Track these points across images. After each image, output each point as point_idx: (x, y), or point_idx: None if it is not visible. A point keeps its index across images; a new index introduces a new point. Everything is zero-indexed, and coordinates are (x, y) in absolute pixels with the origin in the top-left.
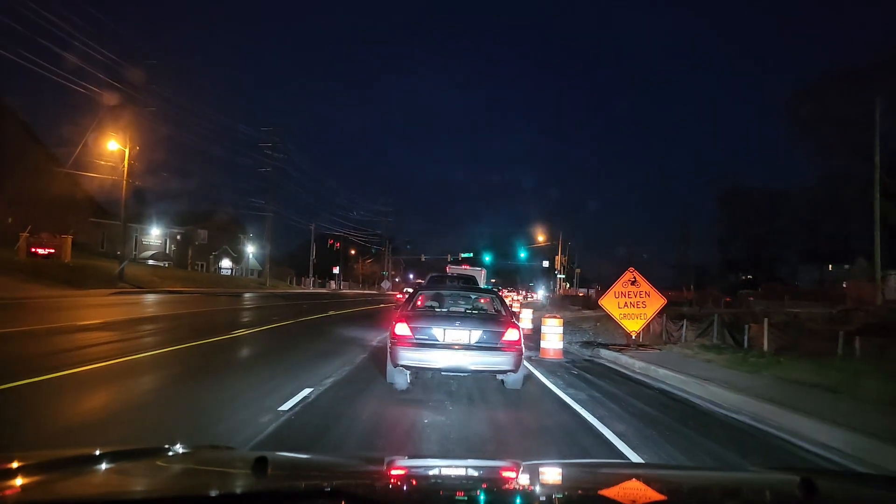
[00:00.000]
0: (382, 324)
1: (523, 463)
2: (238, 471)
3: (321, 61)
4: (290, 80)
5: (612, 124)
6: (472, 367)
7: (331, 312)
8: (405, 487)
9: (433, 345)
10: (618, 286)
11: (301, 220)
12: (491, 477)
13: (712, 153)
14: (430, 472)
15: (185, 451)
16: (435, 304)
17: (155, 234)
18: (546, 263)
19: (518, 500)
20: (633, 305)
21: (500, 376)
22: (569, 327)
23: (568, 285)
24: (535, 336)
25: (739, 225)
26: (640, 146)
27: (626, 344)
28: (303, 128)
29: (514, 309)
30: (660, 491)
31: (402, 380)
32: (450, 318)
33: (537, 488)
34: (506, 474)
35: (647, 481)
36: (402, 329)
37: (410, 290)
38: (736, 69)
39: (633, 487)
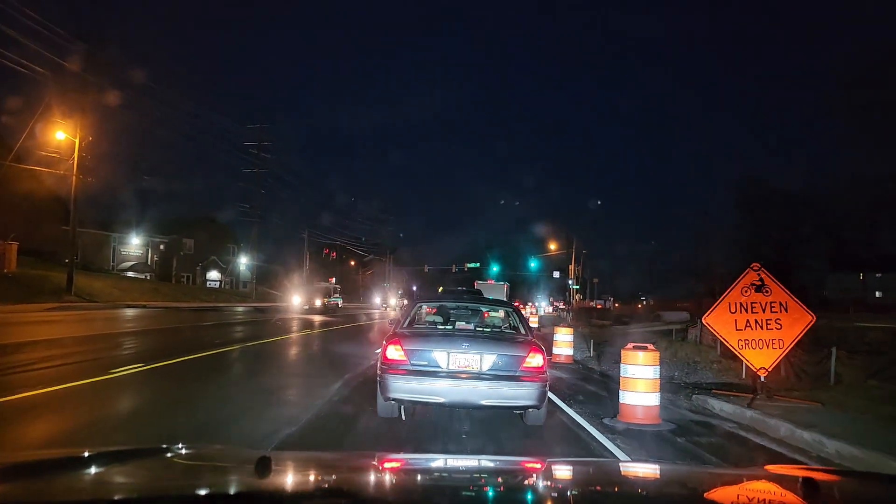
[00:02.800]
0: (364, 350)
1: (529, 462)
2: (241, 470)
3: (320, 62)
4: (286, 79)
5: (625, 128)
6: (484, 402)
7: (306, 332)
8: (408, 486)
9: (434, 373)
10: (735, 293)
11: (299, 229)
12: (494, 475)
13: (730, 156)
14: (434, 471)
15: (188, 450)
16: (437, 319)
17: (135, 244)
18: (557, 274)
19: (522, 498)
20: (760, 325)
21: (516, 410)
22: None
23: (580, 297)
24: (586, 374)
25: (762, 230)
26: (654, 152)
27: (753, 389)
28: (299, 132)
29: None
30: (661, 489)
31: (392, 411)
32: (455, 338)
33: (540, 486)
34: (510, 473)
35: (648, 480)
36: (394, 352)
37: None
38: (764, 61)
39: (634, 485)
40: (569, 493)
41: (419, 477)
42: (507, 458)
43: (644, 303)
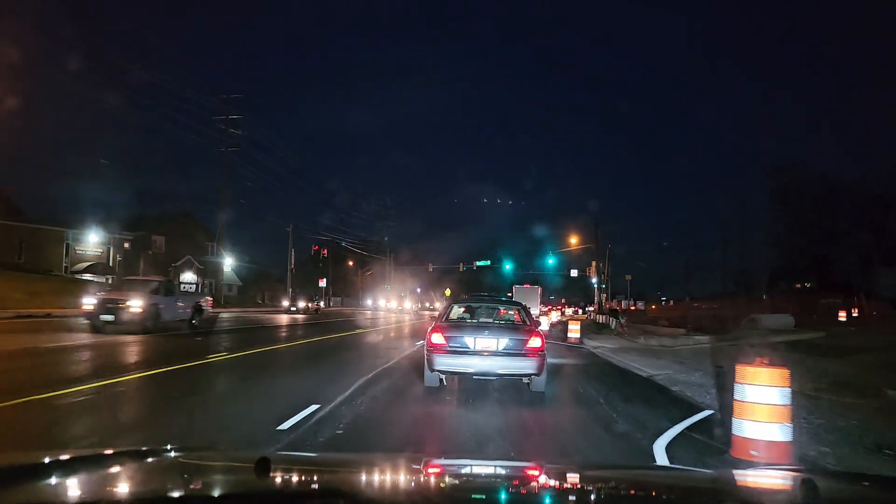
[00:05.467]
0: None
1: (535, 465)
2: (241, 471)
3: (319, 55)
4: (285, 75)
5: (645, 108)
6: (500, 371)
7: (217, 358)
8: (407, 487)
9: (465, 352)
10: None
11: (290, 224)
12: (499, 478)
13: (758, 148)
14: (434, 472)
15: (188, 452)
16: (466, 315)
17: (94, 242)
18: (574, 272)
19: (525, 501)
20: None
21: (524, 380)
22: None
23: (605, 297)
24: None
25: (799, 222)
26: (672, 143)
27: None
28: (295, 126)
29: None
30: (664, 491)
31: (436, 381)
32: (479, 327)
33: (547, 491)
34: (516, 476)
35: (649, 482)
36: (437, 338)
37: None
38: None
39: (635, 488)
40: (557, 499)
41: (418, 478)
42: (513, 462)
43: (664, 303)
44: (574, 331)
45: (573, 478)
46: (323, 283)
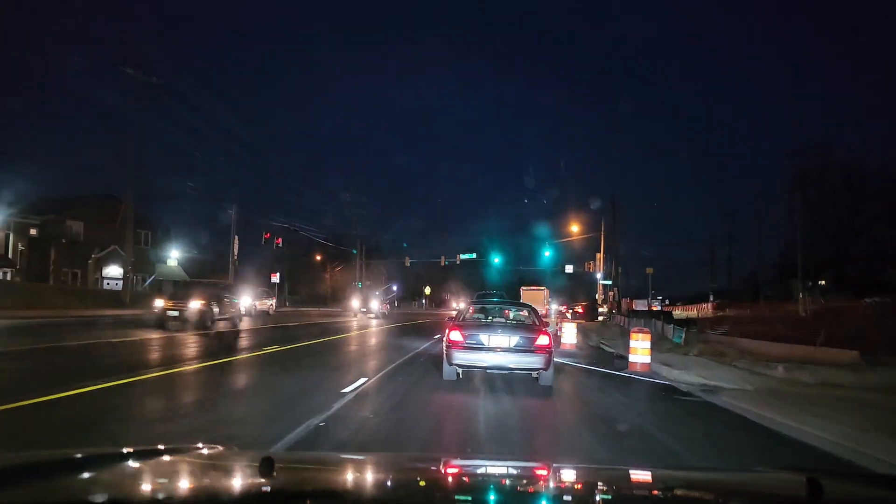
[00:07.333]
0: None
1: (535, 465)
2: (244, 471)
3: (295, 42)
4: (273, 63)
5: (648, 101)
6: (511, 366)
7: None
8: (410, 487)
9: (480, 348)
10: None
11: (265, 216)
12: (506, 479)
13: (766, 138)
14: (437, 472)
15: (191, 451)
16: (481, 315)
17: None
18: (570, 268)
19: (525, 502)
20: None
21: (533, 374)
22: None
23: (612, 295)
24: None
25: (818, 214)
26: (675, 135)
27: None
28: (274, 110)
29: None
30: (666, 492)
31: (454, 375)
32: (493, 326)
33: (543, 490)
34: (523, 476)
35: (653, 482)
36: (455, 335)
37: None
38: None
39: (639, 488)
40: (558, 499)
41: (425, 478)
42: (515, 462)
43: (662, 303)
44: (641, 351)
45: (582, 478)
46: (276, 277)
